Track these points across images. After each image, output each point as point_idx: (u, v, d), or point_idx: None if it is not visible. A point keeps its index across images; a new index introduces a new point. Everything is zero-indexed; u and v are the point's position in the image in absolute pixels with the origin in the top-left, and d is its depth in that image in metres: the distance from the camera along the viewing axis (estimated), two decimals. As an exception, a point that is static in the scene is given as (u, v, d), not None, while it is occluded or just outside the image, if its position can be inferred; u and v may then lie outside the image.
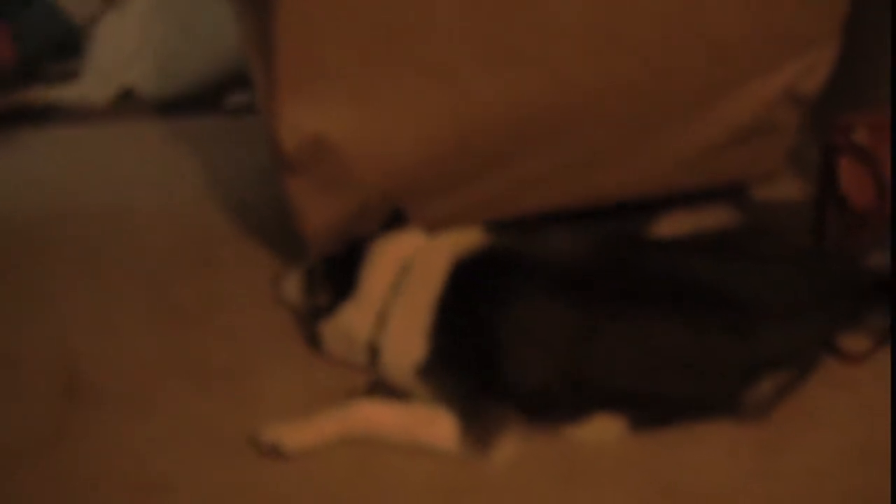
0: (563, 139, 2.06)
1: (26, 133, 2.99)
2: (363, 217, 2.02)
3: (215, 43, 3.05)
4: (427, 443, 1.75)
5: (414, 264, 1.87)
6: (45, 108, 3.12)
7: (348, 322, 1.88)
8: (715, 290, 1.77)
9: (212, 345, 2.05)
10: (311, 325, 1.97)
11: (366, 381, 1.90)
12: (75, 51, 3.28)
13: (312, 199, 1.99)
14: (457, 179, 2.07)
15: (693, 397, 1.79)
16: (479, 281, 1.81)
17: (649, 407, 1.78)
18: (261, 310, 2.14)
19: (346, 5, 1.75)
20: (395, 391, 1.84)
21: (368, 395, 1.85)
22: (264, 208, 2.48)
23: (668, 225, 2.06)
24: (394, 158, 1.95)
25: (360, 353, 1.88)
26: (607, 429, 1.77)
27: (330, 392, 1.88)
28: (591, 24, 1.87)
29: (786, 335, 1.78)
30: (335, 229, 2.04)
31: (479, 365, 1.76)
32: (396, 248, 1.92)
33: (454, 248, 1.87)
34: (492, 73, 1.89)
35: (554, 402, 1.76)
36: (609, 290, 1.78)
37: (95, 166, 2.80)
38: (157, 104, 3.16)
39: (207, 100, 3.15)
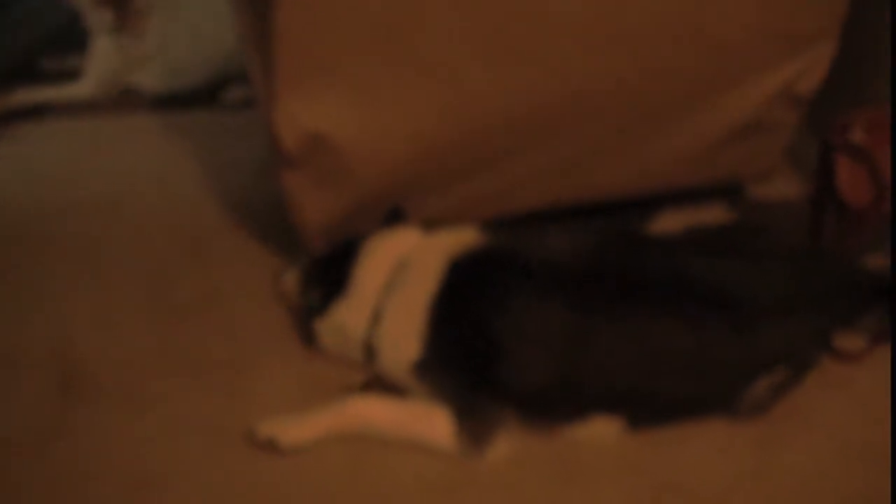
0: (561, 136, 2.06)
1: (23, 126, 2.99)
2: (360, 213, 2.02)
3: (219, 42, 3.06)
4: (423, 439, 1.76)
5: (410, 261, 1.87)
6: (42, 106, 3.11)
7: (343, 319, 1.88)
8: (712, 290, 1.77)
9: (208, 340, 2.05)
10: (307, 322, 1.97)
11: (362, 377, 1.90)
12: (74, 45, 3.27)
13: (310, 194, 1.99)
14: (454, 176, 2.07)
15: (690, 397, 1.79)
16: (475, 279, 1.81)
17: (646, 406, 1.78)
18: (258, 305, 2.14)
19: (344, 2, 1.74)
20: (392, 388, 1.85)
21: (364, 392, 1.86)
22: (262, 203, 2.48)
23: (665, 222, 2.06)
24: (391, 154, 1.95)
25: (356, 350, 1.88)
26: (604, 428, 1.77)
27: (326, 388, 1.88)
28: (589, 21, 1.87)
29: (782, 335, 1.77)
30: (332, 225, 2.04)
31: (475, 363, 1.76)
32: (392, 245, 1.92)
33: (451, 245, 1.87)
34: (490, 71, 1.89)
35: (550, 401, 1.77)
36: (606, 290, 1.77)
37: (93, 160, 2.80)
38: (156, 98, 3.16)
39: (205, 94, 3.16)
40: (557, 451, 1.77)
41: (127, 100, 3.15)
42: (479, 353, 1.76)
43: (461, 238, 1.90)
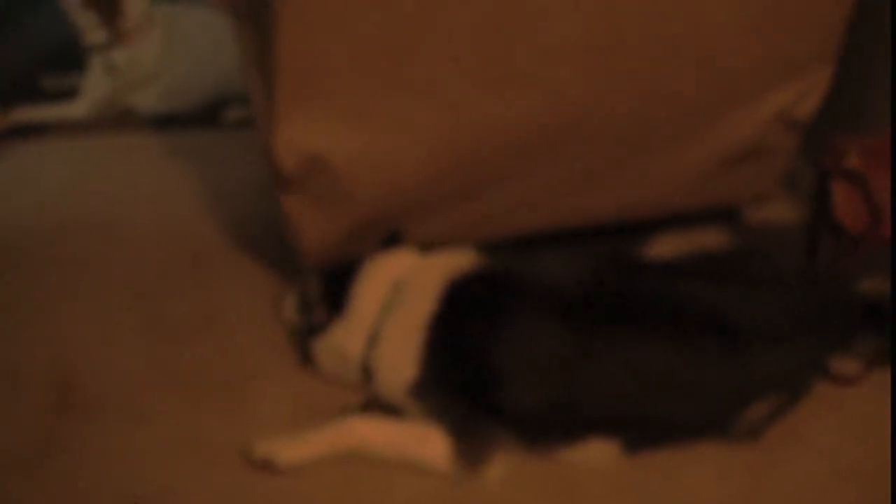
0: (558, 160, 2.06)
1: (22, 145, 2.99)
2: (358, 235, 2.02)
3: (218, 62, 3.06)
4: (419, 461, 1.76)
5: (407, 283, 1.87)
6: (40, 126, 3.11)
7: (340, 340, 1.89)
8: (708, 314, 1.77)
9: (206, 359, 2.05)
10: (305, 342, 1.97)
11: (359, 398, 1.90)
12: (74, 64, 3.27)
13: (308, 216, 2.00)
14: (453, 199, 2.08)
15: (685, 420, 1.79)
16: (472, 302, 1.82)
17: (642, 430, 1.78)
18: (255, 325, 2.14)
19: (344, 25, 1.75)
20: (389, 408, 1.85)
21: (362, 412, 1.86)
22: (260, 223, 2.49)
23: (662, 246, 2.07)
24: (390, 177, 1.96)
25: (353, 371, 1.89)
26: (600, 451, 1.77)
27: (323, 408, 1.88)
28: (587, 47, 1.88)
29: (778, 359, 1.78)
30: (330, 246, 2.04)
31: (471, 385, 1.77)
32: (389, 266, 1.92)
33: (448, 267, 1.87)
34: (489, 95, 1.89)
35: (546, 423, 1.77)
36: (602, 313, 1.78)
37: (91, 179, 2.80)
38: (154, 118, 3.16)
39: (205, 114, 3.16)
40: (553, 473, 1.77)
41: (125, 119, 3.15)
42: (475, 375, 1.76)
43: (458, 260, 1.90)
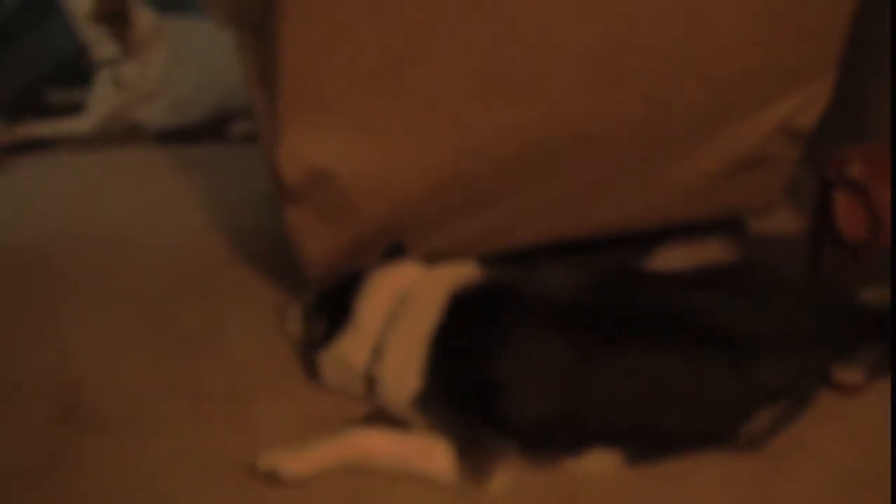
0: (561, 172, 2.07)
1: (28, 159, 3.00)
2: (363, 247, 2.03)
3: (223, 77, 3.06)
4: (424, 472, 1.76)
5: (411, 296, 1.88)
6: (46, 140, 3.13)
7: (345, 353, 1.89)
8: (711, 325, 1.78)
9: (211, 372, 2.06)
10: (310, 355, 1.98)
11: (364, 410, 1.91)
12: (80, 78, 3.29)
13: (312, 229, 2.00)
14: (456, 211, 2.08)
15: (688, 431, 1.80)
16: (476, 314, 1.82)
17: (645, 440, 1.79)
18: (261, 338, 2.15)
19: (347, 39, 1.76)
20: (394, 420, 1.85)
21: (366, 424, 1.86)
22: (266, 237, 2.49)
23: (664, 258, 2.07)
24: (393, 190, 1.96)
25: (358, 383, 1.89)
26: (604, 462, 1.78)
27: (328, 420, 1.89)
28: (590, 59, 1.89)
29: (781, 369, 1.78)
30: (334, 259, 2.05)
31: (475, 397, 1.77)
32: (392, 279, 1.93)
33: (451, 280, 1.88)
34: (492, 107, 1.90)
35: (550, 435, 1.77)
36: (605, 325, 1.79)
37: (97, 193, 2.81)
38: (160, 132, 3.17)
39: (210, 128, 3.17)
40: (557, 484, 1.77)
41: (131, 134, 3.16)
42: (478, 387, 1.77)
43: (462, 272, 1.91)
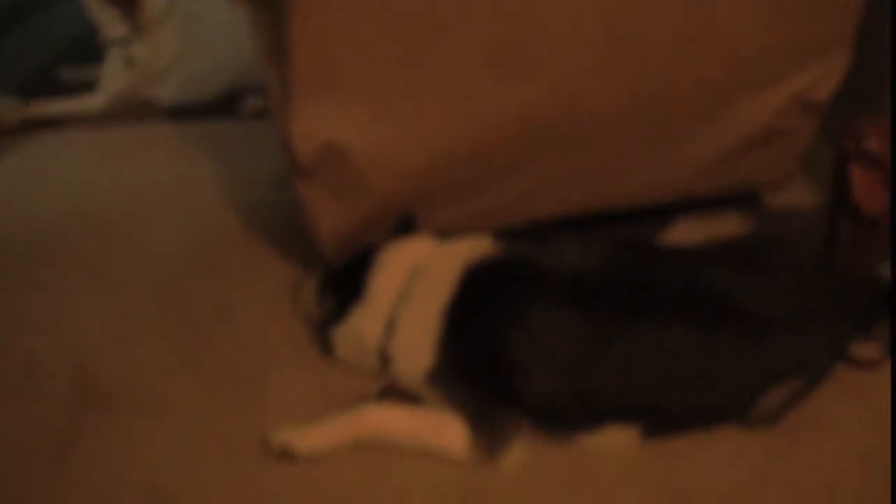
0: (574, 147, 2.06)
1: (40, 136, 3.01)
2: (375, 224, 2.03)
3: (234, 53, 3.06)
4: (437, 448, 1.77)
5: (424, 271, 1.88)
6: (58, 119, 3.13)
7: (358, 328, 1.89)
8: (726, 301, 1.77)
9: (225, 349, 2.07)
10: (323, 331, 1.98)
11: (377, 386, 1.91)
12: (91, 56, 3.29)
13: (325, 205, 2.00)
14: (469, 187, 2.08)
15: (703, 406, 1.79)
16: (489, 288, 1.82)
17: (660, 416, 1.78)
18: (273, 314, 2.15)
19: (359, 14, 1.75)
20: (407, 396, 1.85)
21: (379, 400, 1.86)
22: (278, 213, 2.49)
23: (679, 232, 2.06)
24: (406, 165, 1.96)
25: (371, 359, 1.90)
26: (618, 438, 1.77)
27: (341, 396, 1.89)
28: (603, 34, 1.87)
29: (797, 345, 1.77)
30: (347, 235, 2.05)
31: (489, 374, 1.77)
32: (406, 253, 1.93)
33: (465, 254, 1.87)
34: (505, 83, 1.89)
35: (564, 410, 1.77)
36: (620, 301, 1.78)
37: (108, 171, 2.81)
38: (172, 109, 3.17)
39: (223, 104, 3.17)
40: (572, 460, 1.77)
41: (142, 110, 3.17)
42: (492, 363, 1.77)
43: (475, 247, 1.90)
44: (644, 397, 1.76)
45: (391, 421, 1.79)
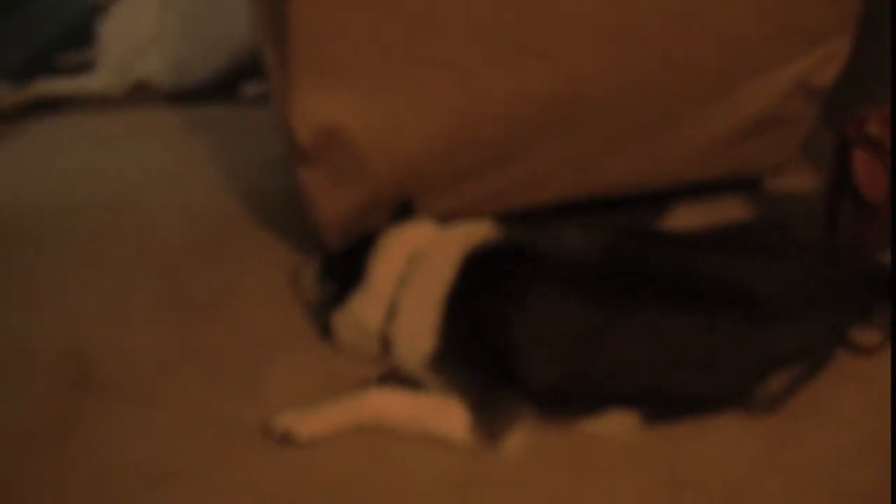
0: (575, 131, 2.06)
1: (40, 121, 3.00)
2: (376, 209, 2.02)
3: (230, 33, 3.05)
4: (438, 433, 1.76)
5: (425, 255, 1.87)
6: (59, 99, 3.12)
7: (358, 312, 1.89)
8: (727, 286, 1.76)
9: (223, 334, 2.06)
10: (323, 316, 1.98)
11: (378, 370, 1.91)
12: (89, 40, 3.28)
13: (325, 190, 2.00)
14: (469, 171, 2.08)
15: (705, 392, 1.79)
16: (490, 274, 1.81)
17: (661, 401, 1.78)
18: (274, 300, 2.15)
19: (359, -1, 1.75)
20: (408, 381, 1.85)
21: (380, 385, 1.86)
22: (278, 199, 2.49)
23: (680, 217, 2.06)
24: (406, 150, 1.95)
25: (372, 344, 1.89)
26: (620, 423, 1.77)
27: (342, 382, 1.89)
28: (603, 16, 1.87)
29: (798, 331, 1.77)
30: (347, 220, 2.05)
31: (490, 358, 1.77)
32: (407, 238, 1.92)
33: (466, 239, 1.87)
34: (504, 67, 1.89)
35: (565, 395, 1.77)
36: (621, 285, 1.77)
37: (108, 156, 2.81)
38: (170, 93, 3.16)
39: (223, 89, 3.16)
40: (573, 445, 1.77)
41: (143, 95, 3.16)
42: (493, 348, 1.76)
43: (476, 232, 1.90)
44: (645, 382, 1.76)
45: (392, 406, 1.79)
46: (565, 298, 1.77)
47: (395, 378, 1.88)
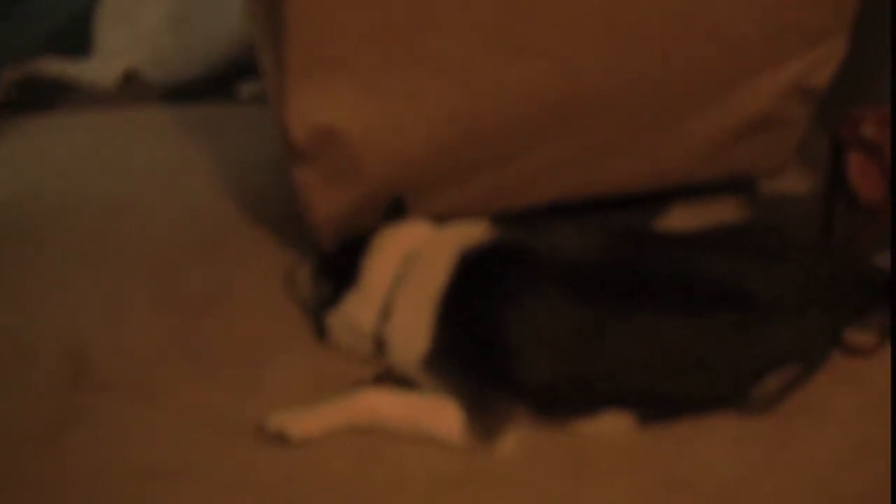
0: (571, 131, 2.05)
1: (33, 118, 2.98)
2: (371, 208, 2.02)
3: (223, 30, 3.04)
4: (432, 433, 1.76)
5: (420, 255, 1.87)
6: (54, 86, 3.11)
7: (353, 312, 1.89)
8: (723, 287, 1.76)
9: (219, 333, 2.06)
10: (318, 315, 1.97)
11: (373, 370, 1.90)
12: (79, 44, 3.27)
13: (320, 189, 1.99)
14: (465, 171, 2.07)
15: (700, 393, 1.79)
16: (486, 274, 1.81)
17: (656, 402, 1.78)
18: (269, 299, 2.14)
19: (354, -5, 1.75)
20: (403, 381, 1.85)
21: (375, 385, 1.86)
22: (273, 197, 2.48)
23: (676, 218, 2.06)
24: (402, 149, 1.95)
25: (366, 344, 1.89)
26: (615, 423, 1.77)
27: (337, 381, 1.88)
28: (601, 15, 1.86)
29: (793, 332, 1.77)
30: (342, 220, 2.04)
31: (484, 359, 1.77)
32: (402, 238, 1.92)
33: (461, 239, 1.87)
34: (501, 65, 1.88)
35: (560, 396, 1.77)
36: (617, 286, 1.77)
37: (104, 154, 2.79)
38: (166, 91, 3.15)
39: (218, 87, 3.15)
40: (568, 446, 1.77)
41: (137, 92, 3.14)
42: (488, 348, 1.76)
43: (471, 232, 1.90)
44: (640, 383, 1.76)
45: (386, 405, 1.79)
46: (561, 299, 1.77)
47: (389, 378, 1.88)
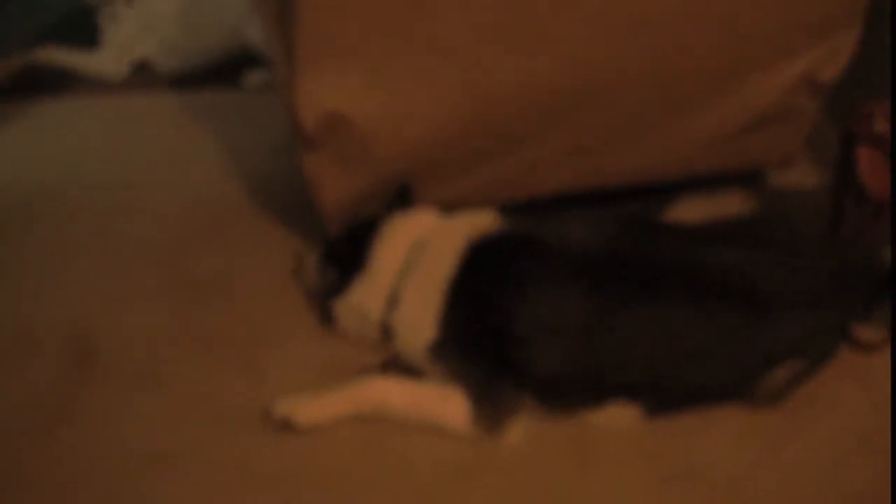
0: (579, 120, 2.05)
1: (41, 104, 2.98)
2: (379, 195, 2.02)
3: (229, 17, 3.04)
4: (439, 422, 1.76)
5: (427, 244, 1.87)
6: (61, 75, 3.10)
7: (360, 300, 1.89)
8: (730, 279, 1.76)
9: (225, 320, 2.06)
10: (325, 303, 1.97)
11: (379, 358, 1.91)
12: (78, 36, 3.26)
13: (329, 175, 1.99)
14: (473, 159, 2.07)
15: (706, 385, 1.79)
16: (493, 264, 1.81)
17: (663, 393, 1.78)
18: (276, 286, 2.14)
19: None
20: (410, 369, 1.85)
21: (381, 373, 1.86)
22: (281, 184, 2.48)
23: (683, 210, 2.05)
24: (410, 136, 1.94)
25: (373, 331, 1.89)
26: (621, 414, 1.77)
27: (343, 369, 1.89)
28: (610, 5, 1.86)
29: (800, 325, 1.77)
30: (351, 206, 2.04)
31: (491, 348, 1.77)
32: (410, 226, 1.92)
33: (469, 229, 1.87)
34: (510, 53, 1.87)
35: (567, 386, 1.77)
36: (624, 278, 1.77)
37: (111, 140, 2.79)
38: (174, 78, 3.15)
39: (225, 75, 3.14)
40: (574, 436, 1.77)
41: (144, 79, 3.14)
42: (495, 337, 1.76)
43: (479, 221, 1.90)
44: (647, 374, 1.76)
45: (393, 394, 1.79)
46: (568, 289, 1.77)
47: (396, 366, 1.88)
